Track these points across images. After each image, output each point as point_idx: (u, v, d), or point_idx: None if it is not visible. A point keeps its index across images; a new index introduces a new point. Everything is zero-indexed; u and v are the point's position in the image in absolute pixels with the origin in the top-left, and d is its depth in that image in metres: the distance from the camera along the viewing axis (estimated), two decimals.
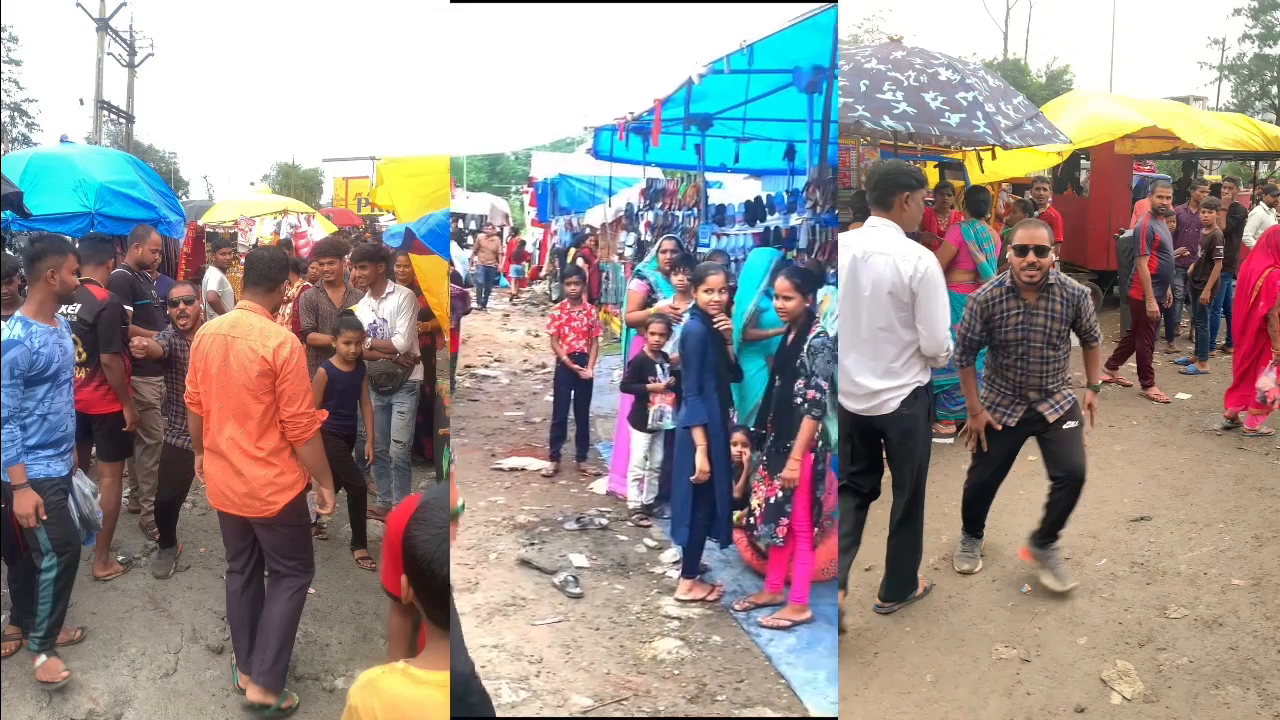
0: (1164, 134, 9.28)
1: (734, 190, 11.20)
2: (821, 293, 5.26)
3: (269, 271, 3.86)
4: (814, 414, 4.06)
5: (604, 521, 5.44)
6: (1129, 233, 8.19)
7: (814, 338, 4.14)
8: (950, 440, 6.37)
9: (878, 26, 36.98)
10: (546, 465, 6.45)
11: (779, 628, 4.11)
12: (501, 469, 6.52)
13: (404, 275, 6.20)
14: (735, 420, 4.82)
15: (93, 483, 4.38)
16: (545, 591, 4.50)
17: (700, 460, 4.33)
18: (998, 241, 6.83)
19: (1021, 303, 4.11)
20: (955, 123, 5.77)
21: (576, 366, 6.45)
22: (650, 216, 9.01)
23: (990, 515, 4.64)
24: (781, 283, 4.26)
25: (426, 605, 1.84)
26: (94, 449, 4.97)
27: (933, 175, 8.25)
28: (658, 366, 5.50)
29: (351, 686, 1.83)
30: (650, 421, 5.45)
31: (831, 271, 5.66)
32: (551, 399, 6.80)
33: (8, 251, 6.19)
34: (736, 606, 4.33)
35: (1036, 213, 8.58)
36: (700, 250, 7.11)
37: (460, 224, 22.05)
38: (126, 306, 5.13)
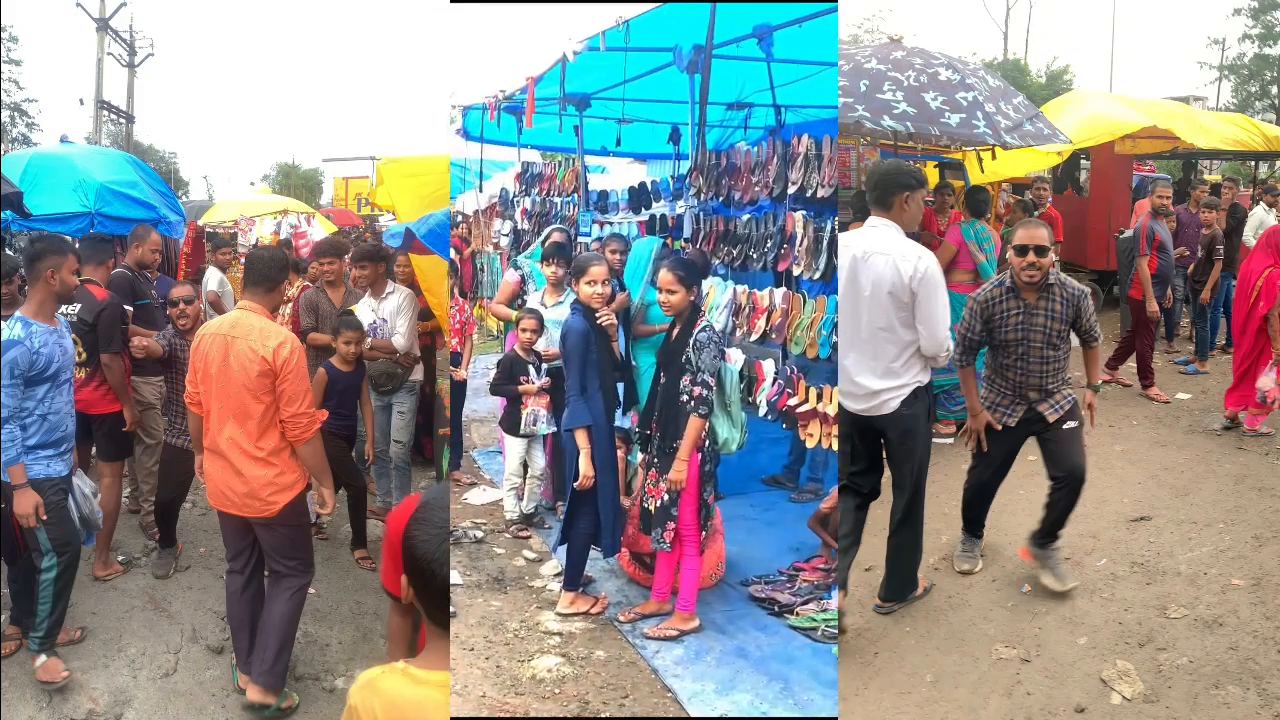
0: (1164, 134, 9.28)
1: (618, 175, 10.53)
2: (707, 284, 5.06)
3: (269, 271, 3.86)
4: (700, 412, 3.89)
5: (479, 534, 5.14)
6: (1129, 233, 8.19)
7: (699, 332, 3.97)
8: (950, 440, 6.37)
9: (878, 26, 37.00)
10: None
11: (666, 638, 3.92)
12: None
13: (404, 275, 6.20)
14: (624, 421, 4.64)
15: (93, 483, 4.38)
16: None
17: (584, 465, 4.09)
18: (998, 241, 6.83)
19: (1021, 303, 4.11)
20: (955, 123, 5.77)
21: (451, 368, 6.02)
22: (527, 203, 8.57)
23: (990, 515, 4.64)
24: (664, 275, 4.03)
25: (426, 605, 1.84)
26: (94, 449, 4.97)
27: (933, 175, 8.26)
28: (530, 366, 5.18)
29: (351, 686, 1.83)
30: (523, 426, 5.14)
31: (717, 262, 5.57)
32: None
33: (8, 251, 6.19)
34: (621, 618, 4.12)
35: (1036, 213, 8.58)
36: (582, 240, 6.71)
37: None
38: (126, 306, 5.14)
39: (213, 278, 8.23)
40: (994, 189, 8.70)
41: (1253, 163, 13.15)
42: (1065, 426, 4.18)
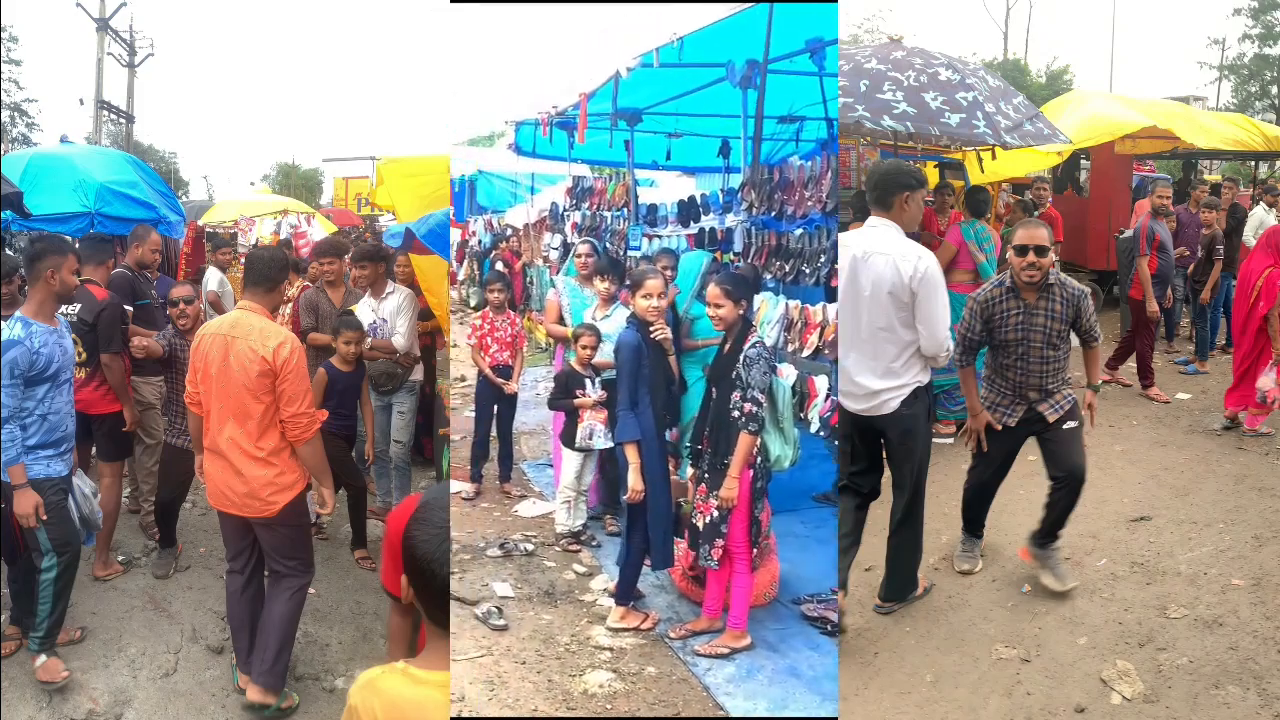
0: (1164, 134, 9.28)
1: (667, 189, 10.56)
2: (758, 299, 4.99)
3: (269, 271, 3.86)
4: (750, 429, 3.81)
5: (530, 547, 5.10)
6: (1129, 233, 8.19)
7: (750, 347, 3.88)
8: (950, 440, 6.37)
9: (878, 26, 36.99)
10: (467, 487, 5.95)
11: (717, 656, 3.87)
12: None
13: (404, 275, 6.20)
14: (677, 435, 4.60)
15: (93, 483, 4.38)
16: (467, 624, 4.18)
17: (633, 479, 4.07)
18: (998, 241, 6.83)
19: (1021, 303, 4.11)
20: (955, 123, 5.78)
21: (500, 380, 5.96)
22: (577, 217, 8.58)
23: (990, 515, 4.64)
24: (713, 289, 3.97)
25: (426, 605, 1.84)
26: (94, 449, 4.97)
27: (933, 175, 8.26)
28: (587, 380, 5.09)
29: (351, 686, 1.83)
30: (579, 440, 5.04)
31: (769, 277, 5.55)
32: (470, 415, 6.26)
33: (8, 251, 6.19)
34: (672, 635, 4.08)
35: (1036, 213, 8.58)
36: (631, 253, 6.70)
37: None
38: (126, 306, 5.14)
39: (213, 278, 8.23)
40: (994, 189, 8.70)
41: (1253, 163, 13.15)
42: (1065, 426, 4.18)
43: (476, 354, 6.08)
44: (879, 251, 3.78)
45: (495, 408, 6.04)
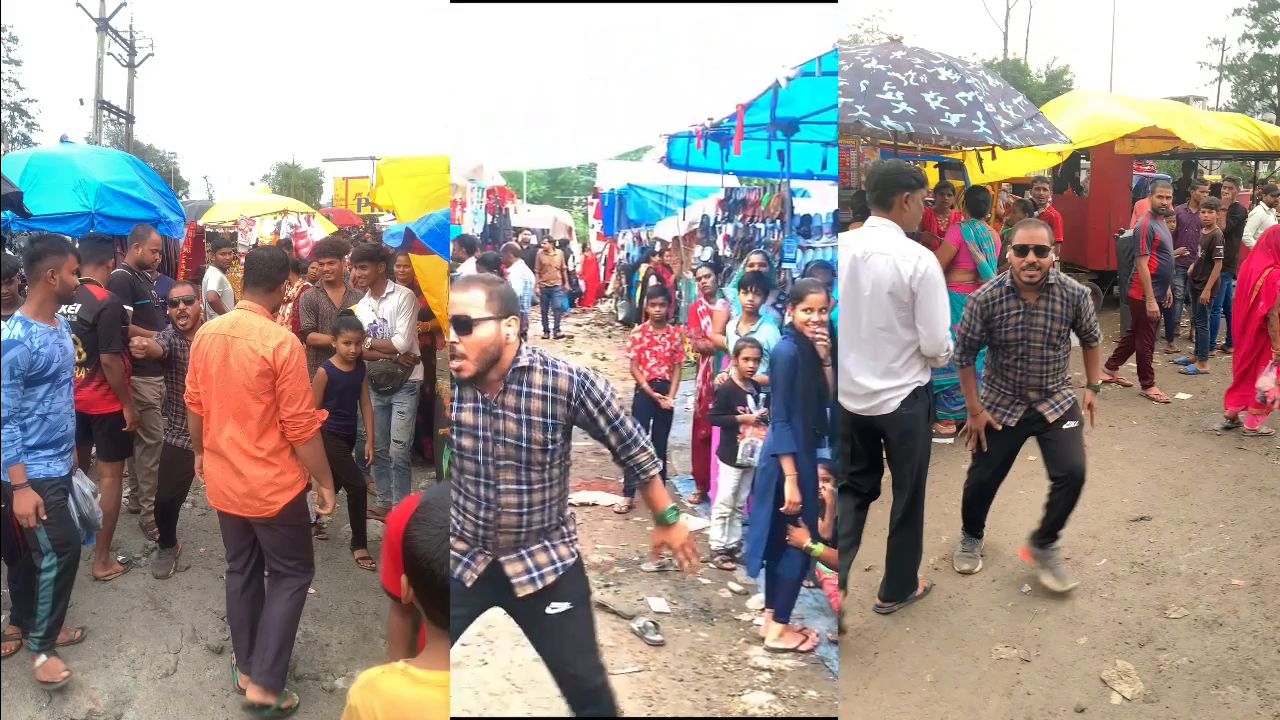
0: (1164, 134, 9.28)
1: (820, 199, 10.31)
2: None
3: (269, 271, 3.86)
4: None
5: None
6: (1129, 233, 8.19)
7: None
8: (950, 440, 6.37)
9: (878, 26, 36.99)
10: (620, 501, 6.02)
11: None
12: (571, 504, 6.14)
13: (404, 275, 6.20)
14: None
15: (93, 483, 4.38)
16: (624, 638, 4.23)
17: (790, 490, 4.06)
18: (998, 241, 6.83)
19: (1021, 303, 4.11)
20: (955, 123, 5.78)
21: (657, 395, 6.02)
22: (729, 229, 8.44)
23: (990, 515, 4.64)
24: None
25: (426, 605, 1.84)
26: (94, 449, 4.97)
27: (933, 175, 8.25)
28: (748, 396, 5.04)
29: (351, 686, 1.83)
30: (740, 456, 5.00)
31: None
32: None
33: (8, 251, 6.19)
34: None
35: (1036, 213, 8.58)
36: (786, 266, 6.65)
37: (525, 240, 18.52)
38: (126, 306, 5.13)
39: (213, 278, 8.23)
40: (994, 189, 8.69)
41: (1253, 163, 13.14)
42: (1065, 426, 4.18)
43: (635, 367, 6.11)
44: (879, 251, 3.78)
45: (651, 422, 6.02)
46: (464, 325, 2.51)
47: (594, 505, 6.12)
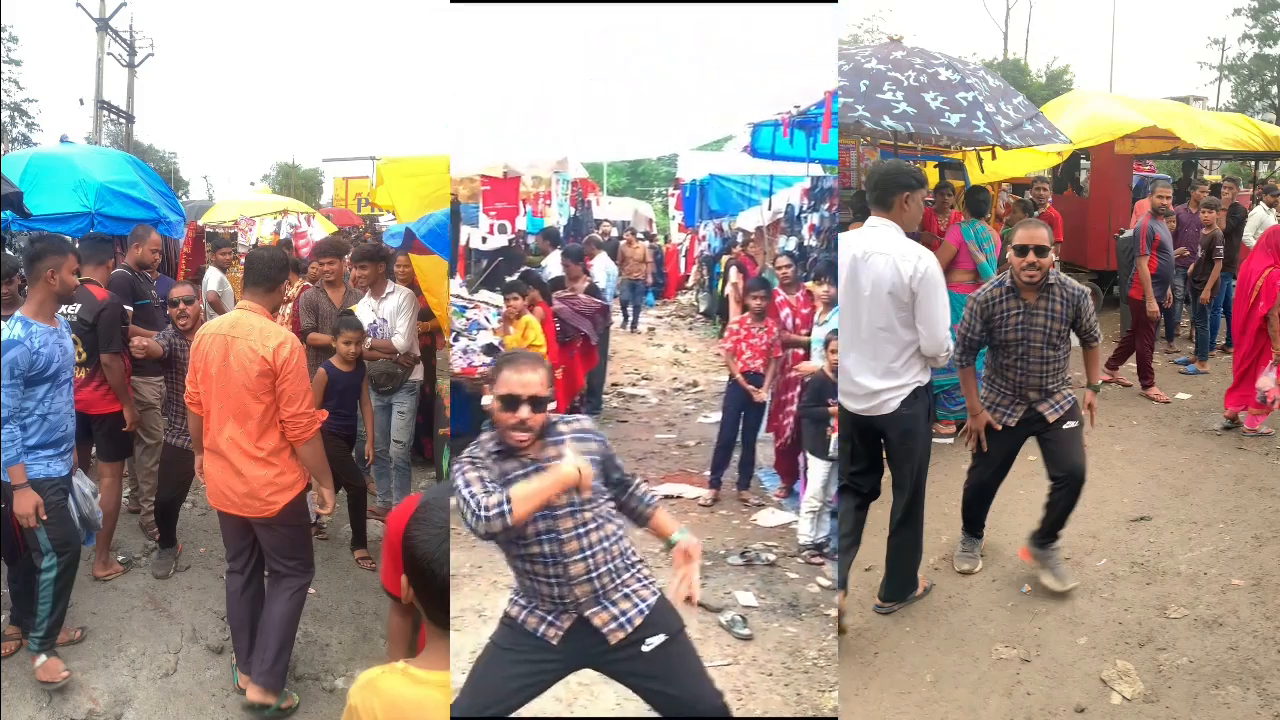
0: (1164, 134, 9.28)
1: None
2: None
3: (269, 271, 3.86)
4: None
5: (771, 557, 5.08)
6: (1129, 233, 8.19)
7: None
8: (950, 440, 6.37)
9: (878, 26, 36.99)
10: (705, 493, 6.03)
11: None
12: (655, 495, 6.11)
13: (404, 275, 6.20)
14: None
15: (93, 483, 4.38)
16: (711, 631, 4.20)
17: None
18: (998, 241, 6.83)
19: (1021, 303, 4.11)
20: (955, 123, 5.78)
21: (751, 387, 5.96)
22: (815, 219, 8.35)
23: (990, 515, 4.64)
24: None
25: (426, 605, 1.84)
26: (94, 449, 4.97)
27: (933, 175, 8.25)
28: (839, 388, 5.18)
29: (351, 686, 1.83)
30: (831, 449, 4.99)
31: None
32: (705, 421, 6.23)
33: (8, 251, 6.19)
34: None
35: (1036, 213, 8.58)
36: None
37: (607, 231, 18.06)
38: (126, 306, 5.14)
39: (213, 278, 8.23)
40: (994, 189, 8.69)
41: (1253, 163, 13.14)
42: (1065, 426, 4.18)
43: (730, 359, 6.08)
44: (879, 251, 3.78)
45: (742, 414, 6.03)
46: (538, 404, 2.58)
47: (679, 498, 6.09)
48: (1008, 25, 40.98)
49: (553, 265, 8.73)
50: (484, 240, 10.20)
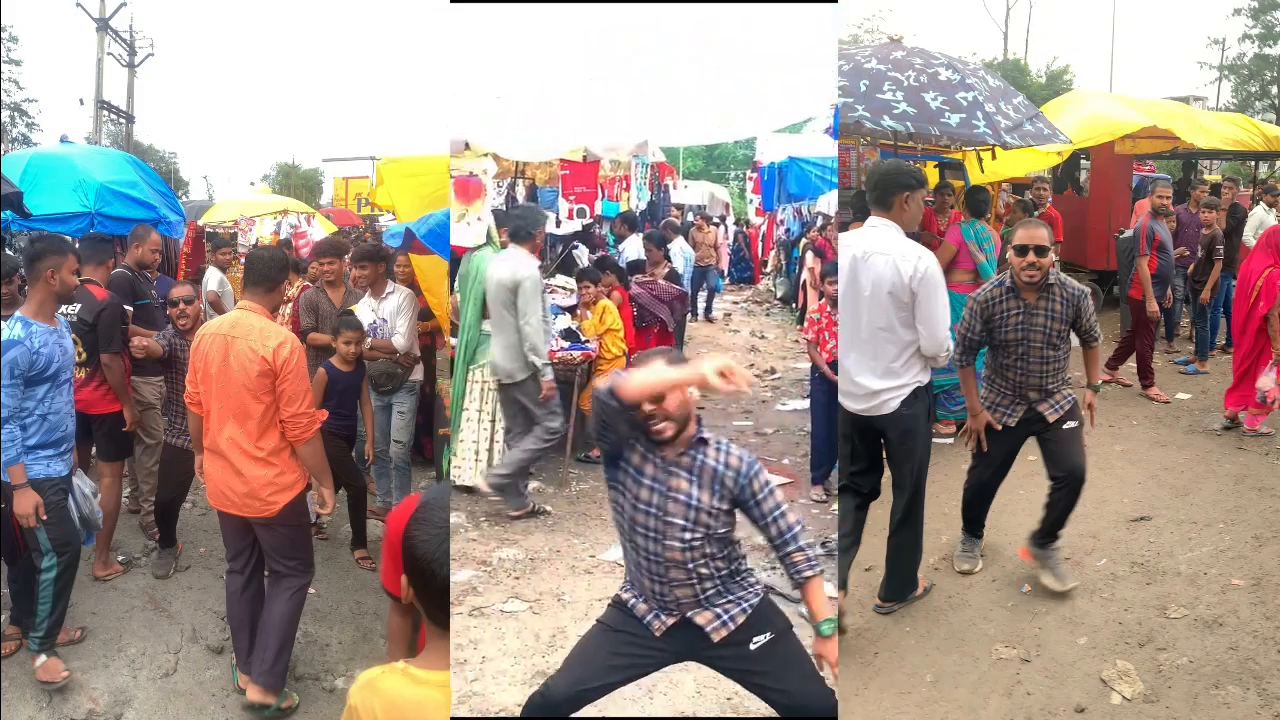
0: (1164, 134, 9.28)
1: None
2: None
3: (269, 271, 3.86)
4: None
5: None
6: (1129, 233, 8.19)
7: None
8: (950, 440, 6.37)
9: (878, 26, 36.97)
10: (815, 491, 5.87)
11: None
12: None
13: (404, 275, 6.20)
14: None
15: (93, 483, 4.38)
16: (796, 623, 4.27)
17: None
18: (998, 241, 6.83)
19: (1021, 303, 4.11)
20: (955, 123, 5.78)
21: (836, 377, 5.75)
22: None
23: (990, 515, 4.64)
24: None
25: (426, 605, 1.84)
26: (94, 449, 4.97)
27: (933, 175, 8.25)
28: None
29: (351, 686, 1.83)
30: None
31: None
32: (782, 409, 6.04)
33: (8, 251, 6.19)
34: None
35: (1036, 213, 8.58)
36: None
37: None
38: (126, 306, 5.14)
39: (213, 278, 8.23)
40: (994, 189, 8.69)
41: (1253, 163, 13.14)
42: (1065, 426, 4.18)
43: (813, 349, 5.89)
44: (879, 251, 3.78)
45: (826, 404, 5.83)
46: (658, 395, 2.62)
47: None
48: (1008, 25, 40.94)
49: (630, 250, 8.65)
50: (558, 224, 10.19)
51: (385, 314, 5.71)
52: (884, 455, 4.05)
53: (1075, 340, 4.28)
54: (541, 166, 9.51)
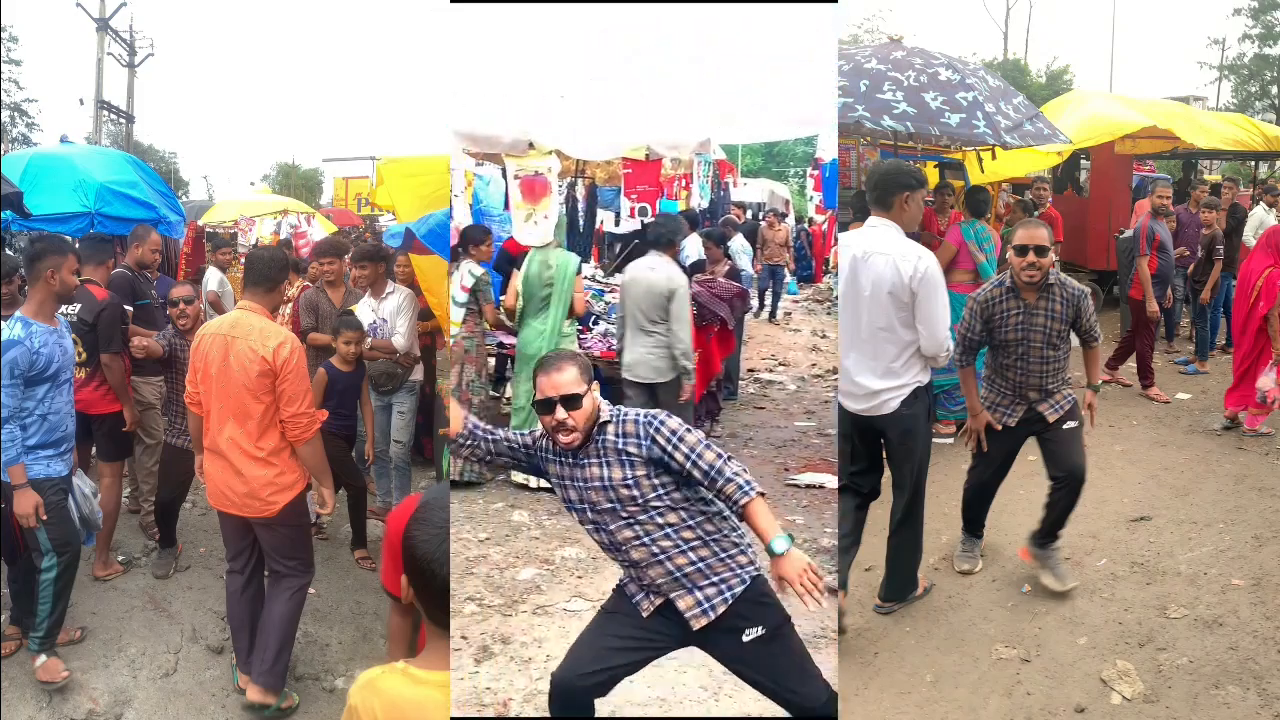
0: (1164, 134, 9.28)
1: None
2: None
3: (269, 271, 3.86)
4: None
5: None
6: (1129, 233, 8.19)
7: None
8: (950, 440, 6.37)
9: (878, 26, 36.99)
10: None
11: None
12: (797, 485, 6.04)
13: (404, 275, 6.20)
14: None
15: (93, 483, 4.38)
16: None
17: None
18: (998, 241, 6.83)
19: (1021, 303, 4.11)
20: (955, 123, 5.78)
21: None
22: None
23: (990, 515, 4.64)
24: None
25: (426, 605, 1.84)
26: (94, 449, 4.97)
27: (933, 175, 8.25)
28: None
29: (351, 686, 1.83)
30: None
31: None
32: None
33: (8, 251, 6.19)
34: None
35: (1036, 213, 8.58)
36: None
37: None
38: (126, 306, 5.13)
39: (213, 278, 8.23)
40: (994, 189, 8.69)
41: (1253, 163, 13.14)
42: (1065, 426, 4.18)
43: None
44: (879, 251, 3.78)
45: None
46: (572, 402, 2.63)
47: (820, 487, 5.99)
48: (1008, 25, 40.93)
49: (690, 248, 8.65)
50: (617, 223, 10.11)
51: (385, 314, 5.71)
52: (884, 455, 4.05)
53: (1075, 340, 4.28)
54: (601, 165, 9.49)
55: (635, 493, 2.65)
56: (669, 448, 2.63)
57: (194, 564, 5.11)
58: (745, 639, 2.70)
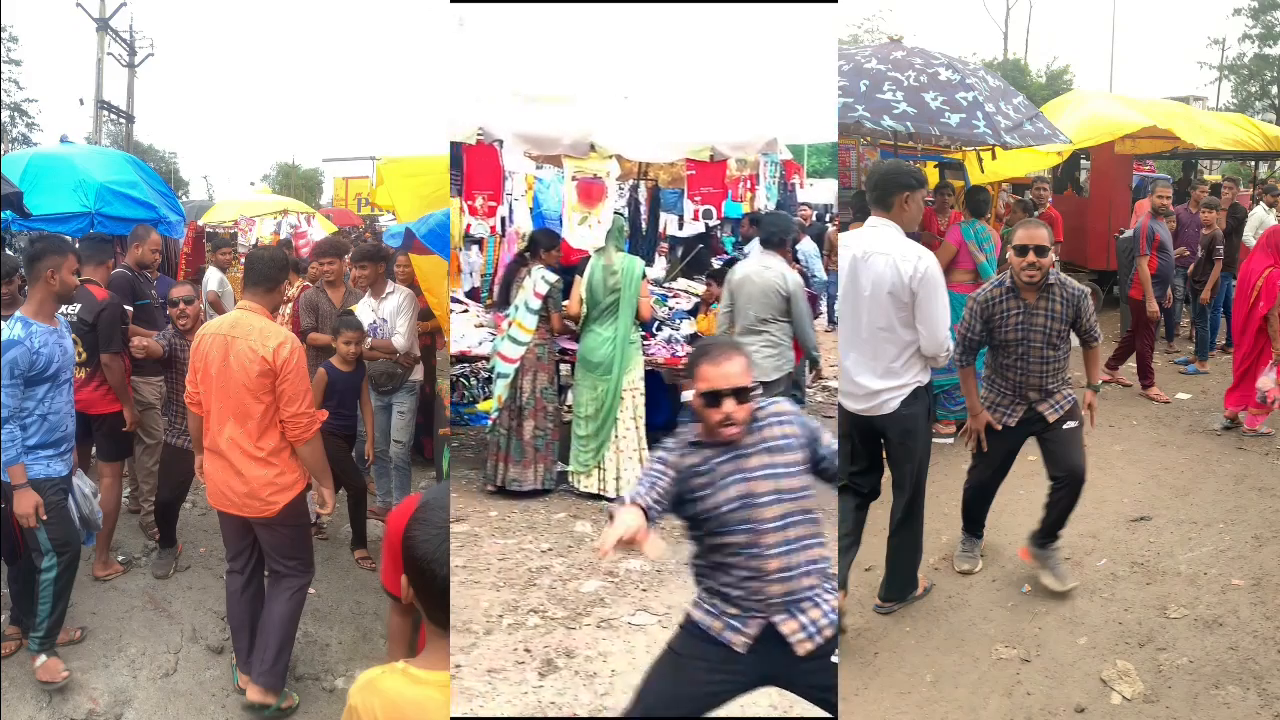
0: (1164, 134, 9.28)
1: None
2: None
3: (269, 271, 3.86)
4: None
5: None
6: (1129, 233, 8.18)
7: None
8: (950, 440, 6.37)
9: (878, 26, 36.95)
10: None
11: None
12: None
13: (404, 275, 6.20)
14: None
15: (93, 483, 4.38)
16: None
17: None
18: (998, 241, 6.83)
19: (1021, 303, 4.11)
20: (955, 123, 5.78)
21: None
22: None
23: (990, 515, 4.64)
24: None
25: (426, 605, 1.84)
26: (94, 449, 4.97)
27: (933, 175, 8.25)
28: None
29: (351, 686, 1.83)
30: None
31: None
32: None
33: (8, 251, 6.19)
34: None
35: (1036, 213, 8.58)
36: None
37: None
38: (126, 306, 5.13)
39: (213, 278, 8.23)
40: (994, 189, 8.69)
41: (1253, 163, 13.14)
42: (1065, 426, 4.18)
43: None
44: (879, 251, 3.77)
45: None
46: (743, 394, 2.50)
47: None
48: (1008, 25, 40.87)
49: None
50: (680, 226, 10.04)
51: (385, 314, 5.71)
52: (884, 455, 4.05)
53: (1075, 340, 4.28)
54: (664, 168, 9.45)
55: (797, 481, 2.54)
56: (818, 430, 2.62)
57: (194, 564, 5.11)
58: (835, 660, 2.56)
